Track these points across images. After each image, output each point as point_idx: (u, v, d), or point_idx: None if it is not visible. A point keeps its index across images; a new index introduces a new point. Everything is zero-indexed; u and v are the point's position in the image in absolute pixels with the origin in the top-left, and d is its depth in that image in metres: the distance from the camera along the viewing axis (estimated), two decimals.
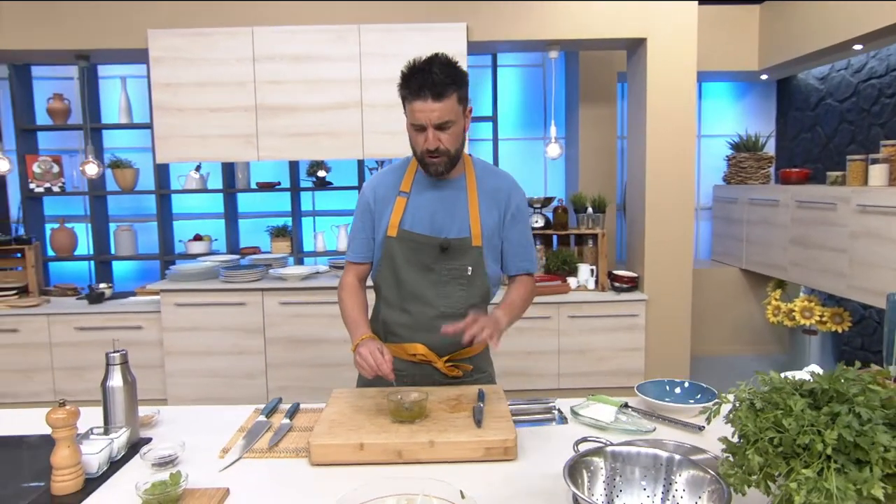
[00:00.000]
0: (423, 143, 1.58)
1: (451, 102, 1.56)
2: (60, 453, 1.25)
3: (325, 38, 3.48)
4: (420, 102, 1.54)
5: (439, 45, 3.53)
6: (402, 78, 1.57)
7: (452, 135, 1.60)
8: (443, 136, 1.58)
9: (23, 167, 4.71)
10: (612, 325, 3.77)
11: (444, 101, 1.54)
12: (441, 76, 1.53)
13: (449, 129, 1.58)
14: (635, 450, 1.08)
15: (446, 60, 1.58)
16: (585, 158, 4.76)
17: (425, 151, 1.59)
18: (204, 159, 3.75)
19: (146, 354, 3.74)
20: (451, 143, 1.61)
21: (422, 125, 1.56)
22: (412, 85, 1.54)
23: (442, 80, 1.53)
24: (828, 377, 0.97)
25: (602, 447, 1.10)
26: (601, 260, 3.92)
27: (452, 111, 1.57)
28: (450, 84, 1.54)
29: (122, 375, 1.47)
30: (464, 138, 1.68)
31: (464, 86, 1.60)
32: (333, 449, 1.35)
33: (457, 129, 1.60)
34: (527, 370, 3.79)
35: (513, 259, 1.77)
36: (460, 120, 1.61)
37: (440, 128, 1.57)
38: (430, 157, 1.60)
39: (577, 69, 4.70)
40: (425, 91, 1.52)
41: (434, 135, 1.57)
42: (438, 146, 1.59)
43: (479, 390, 1.62)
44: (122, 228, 4.81)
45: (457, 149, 1.63)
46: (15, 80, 4.67)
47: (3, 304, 3.82)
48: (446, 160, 1.62)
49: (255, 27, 3.50)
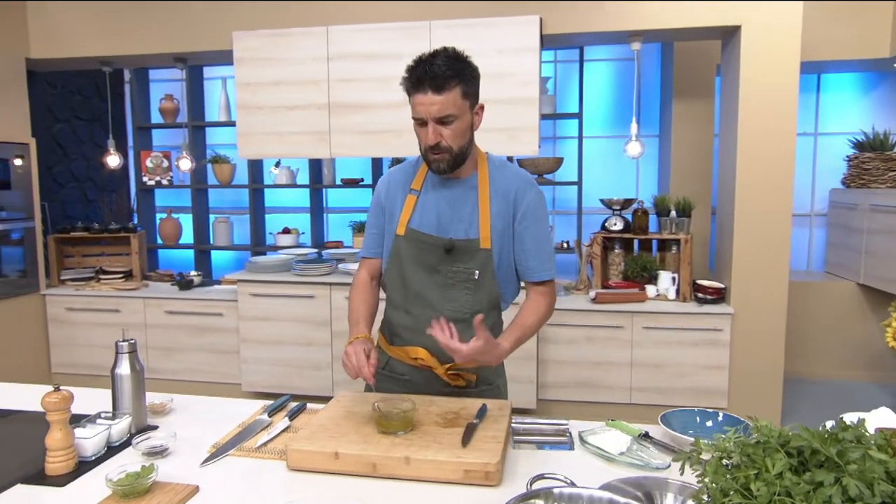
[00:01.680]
0: (425, 139, 1.51)
1: (453, 96, 1.48)
2: (53, 435, 1.31)
3: (396, 35, 3.48)
4: (420, 95, 1.47)
5: (510, 40, 3.43)
6: (406, 71, 1.51)
7: (455, 131, 1.52)
8: (444, 131, 1.50)
9: (138, 162, 5.16)
10: (692, 339, 3.47)
11: (445, 95, 1.47)
12: (443, 68, 1.46)
13: (451, 124, 1.50)
14: (587, 493, 0.94)
15: (453, 54, 1.50)
16: (678, 158, 4.42)
17: (427, 147, 1.52)
18: (280, 156, 3.89)
19: (225, 340, 3.95)
20: (454, 140, 1.52)
21: (422, 119, 1.50)
22: (413, 77, 1.48)
23: (443, 73, 1.46)
24: (818, 434, 0.79)
25: (550, 490, 0.97)
26: (683, 268, 3.61)
27: (454, 105, 1.49)
28: (452, 77, 1.47)
29: (130, 364, 1.52)
30: (471, 136, 1.58)
31: (470, 81, 1.52)
32: (309, 455, 1.31)
33: (460, 125, 1.52)
34: (595, 381, 3.58)
35: (524, 265, 1.64)
36: (465, 116, 1.53)
37: (441, 122, 1.49)
38: (432, 153, 1.53)
39: (672, 61, 4.37)
40: (425, 83, 1.46)
41: (435, 129, 1.50)
42: (440, 142, 1.51)
43: (482, 405, 1.52)
44: (220, 220, 5.13)
45: (461, 146, 1.55)
46: (134, 83, 5.13)
47: (109, 286, 4.20)
48: (449, 157, 1.54)
49: (329, 26, 3.57)
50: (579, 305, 3.57)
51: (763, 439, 0.83)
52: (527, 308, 1.64)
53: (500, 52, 3.41)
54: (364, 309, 1.67)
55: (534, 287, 1.67)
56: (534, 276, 1.65)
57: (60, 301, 4.16)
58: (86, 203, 5.39)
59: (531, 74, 3.39)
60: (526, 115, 3.43)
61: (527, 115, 3.43)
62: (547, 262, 1.65)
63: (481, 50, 3.44)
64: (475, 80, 1.54)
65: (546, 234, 1.67)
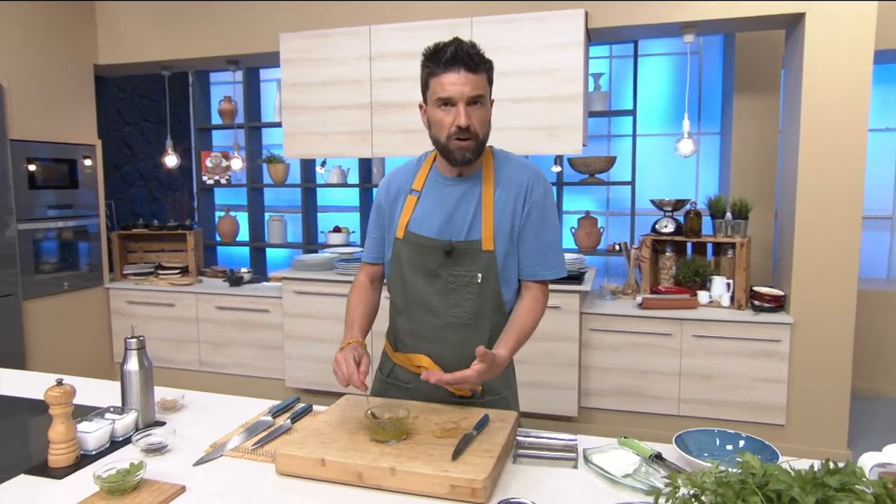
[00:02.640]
0: (453, 122, 1.44)
1: (483, 80, 1.46)
2: (56, 429, 1.34)
3: (438, 33, 3.42)
4: (453, 74, 1.42)
5: (554, 35, 3.31)
6: (428, 56, 1.47)
7: (483, 115, 1.48)
8: (475, 114, 1.45)
9: (198, 162, 5.37)
10: (746, 349, 3.24)
11: (479, 75, 1.44)
12: (476, 50, 1.45)
13: (481, 107, 1.47)
14: None
15: (476, 46, 1.47)
16: (739, 156, 4.16)
17: (455, 131, 1.45)
18: (323, 155, 3.93)
19: (270, 336, 4.03)
20: (481, 126, 1.48)
21: (450, 99, 1.43)
22: (441, 58, 1.43)
23: (477, 55, 1.44)
24: (800, 477, 0.69)
25: None
26: (739, 273, 3.39)
27: (484, 88, 1.47)
28: (483, 61, 1.46)
29: (138, 360, 1.55)
30: (489, 127, 1.52)
31: (492, 70, 1.50)
32: (297, 461, 1.29)
33: (485, 111, 1.49)
34: (641, 390, 3.42)
35: (527, 261, 1.56)
36: (488, 104, 1.50)
37: (473, 102, 1.45)
38: (459, 139, 1.46)
39: (734, 54, 4.11)
40: (459, 62, 1.42)
41: (467, 111, 1.44)
42: (470, 124, 1.44)
43: (484, 415, 1.46)
44: (275, 218, 5.26)
45: (485, 134, 1.50)
46: (196, 86, 5.33)
47: (165, 281, 4.37)
48: (474, 146, 1.48)
49: (372, 26, 3.57)
50: (625, 311, 3.41)
51: (744, 477, 0.74)
52: (522, 310, 1.56)
53: (544, 47, 3.30)
54: (359, 312, 1.63)
55: (530, 285, 1.58)
56: (533, 274, 1.57)
57: (122, 294, 4.37)
58: (151, 201, 5.65)
59: (575, 70, 3.27)
60: (569, 113, 3.31)
61: (570, 112, 3.31)
62: (550, 259, 1.57)
63: (524, 46, 3.35)
64: (492, 72, 1.52)
65: (551, 230, 1.58)
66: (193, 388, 1.82)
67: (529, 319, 1.54)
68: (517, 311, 1.56)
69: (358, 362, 1.44)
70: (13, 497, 1.24)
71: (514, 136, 3.40)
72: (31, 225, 3.83)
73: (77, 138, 4.13)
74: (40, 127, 3.86)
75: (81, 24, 4.14)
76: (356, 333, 1.57)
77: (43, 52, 3.87)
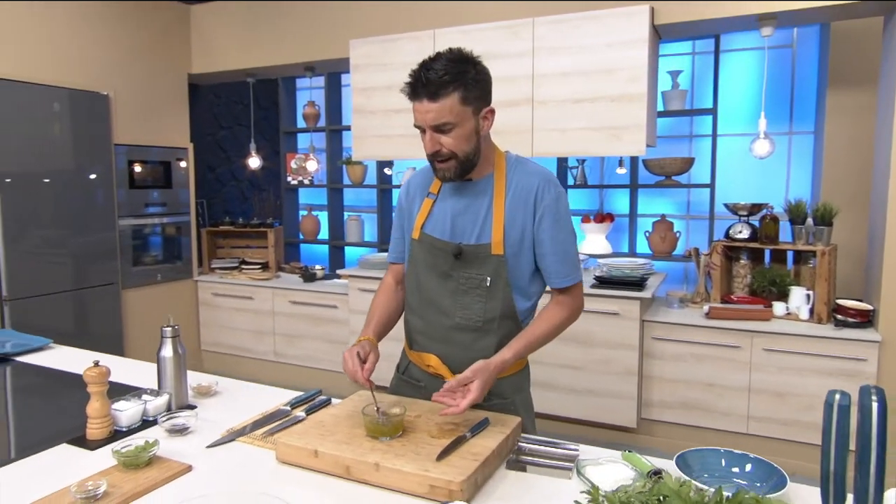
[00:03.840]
0: (424, 147, 1.49)
1: (450, 102, 1.42)
2: (92, 405, 1.49)
3: (499, 35, 3.43)
4: (417, 103, 1.45)
5: (618, 33, 3.21)
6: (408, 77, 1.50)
7: (457, 137, 1.46)
8: (444, 139, 1.46)
9: (284, 164, 5.68)
10: (826, 367, 2.99)
11: (441, 102, 1.41)
12: (439, 74, 1.40)
13: (450, 131, 1.45)
14: None
15: (455, 56, 1.45)
16: (831, 157, 3.83)
17: (428, 155, 1.50)
18: (387, 158, 4.03)
19: (338, 331, 4.20)
20: (457, 146, 1.47)
21: (420, 126, 1.47)
22: (410, 85, 1.45)
23: (438, 79, 1.40)
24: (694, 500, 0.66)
25: None
26: (820, 284, 3.12)
27: (451, 112, 1.42)
28: (448, 83, 1.41)
29: (172, 347, 1.68)
30: (477, 141, 1.51)
31: (473, 85, 1.45)
32: (293, 450, 1.35)
33: (461, 131, 1.46)
34: (707, 404, 3.24)
35: (543, 269, 1.56)
36: (466, 122, 1.46)
37: (439, 130, 1.45)
38: (436, 161, 1.50)
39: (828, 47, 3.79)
40: (419, 91, 1.43)
41: (432, 137, 1.46)
42: (439, 149, 1.47)
43: (484, 418, 1.46)
44: (352, 218, 5.46)
45: (466, 153, 1.49)
46: (283, 91, 5.65)
47: (247, 276, 4.67)
48: (455, 165, 1.49)
49: (436, 29, 3.62)
50: (690, 320, 3.25)
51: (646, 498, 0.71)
52: (540, 317, 1.57)
53: (605, 46, 3.21)
54: (379, 312, 1.68)
55: (555, 294, 1.59)
56: (552, 282, 1.57)
57: (208, 287, 4.71)
58: (242, 200, 6.04)
59: (639, 69, 3.15)
60: (632, 113, 3.20)
61: (633, 112, 3.20)
62: (567, 265, 1.55)
63: (587, 45, 3.27)
64: (479, 83, 1.47)
65: (566, 235, 1.56)
66: (267, 379, 1.95)
67: (545, 328, 1.54)
68: (537, 317, 1.58)
69: (364, 359, 1.49)
70: (50, 461, 1.39)
71: (574, 136, 3.33)
72: (131, 221, 4.22)
73: (172, 142, 4.50)
74: (140, 132, 4.25)
75: (176, 37, 4.51)
76: (369, 331, 1.63)
77: (143, 64, 4.26)
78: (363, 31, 3.91)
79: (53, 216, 3.71)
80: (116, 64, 4.07)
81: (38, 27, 3.62)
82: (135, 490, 1.23)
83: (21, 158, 3.52)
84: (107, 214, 4.03)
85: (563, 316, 1.55)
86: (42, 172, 3.63)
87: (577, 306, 1.60)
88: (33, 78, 3.59)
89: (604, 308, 3.29)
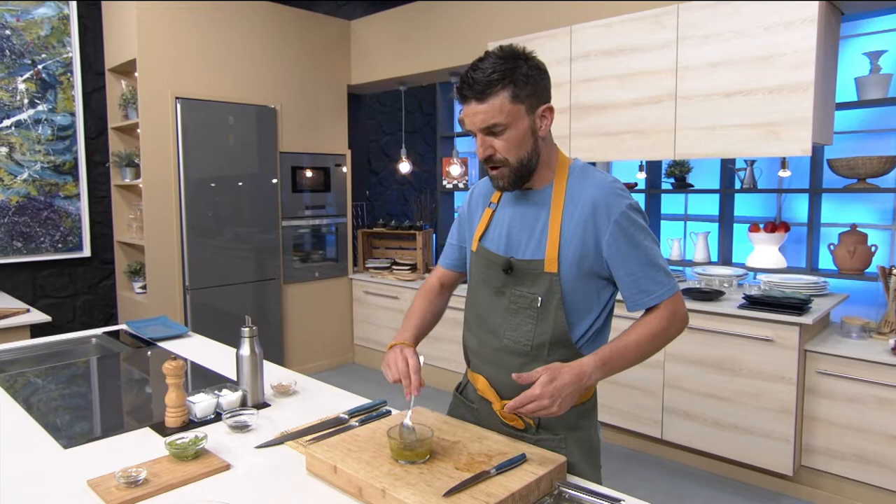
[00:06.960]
0: (478, 153, 1.39)
1: (500, 102, 1.31)
2: (169, 395, 1.63)
3: (640, 25, 3.12)
4: (467, 107, 1.35)
5: (780, 13, 2.74)
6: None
7: (509, 141, 1.34)
8: (496, 142, 1.35)
9: (440, 168, 5.82)
10: None
11: (489, 102, 1.31)
12: (486, 73, 1.30)
13: (502, 133, 1.33)
14: None
15: (505, 53, 1.33)
16: None
17: (481, 161, 1.40)
18: None
19: None
20: (510, 151, 1.35)
21: (472, 130, 1.38)
22: (457, 89, 1.37)
23: (485, 78, 1.30)
24: None
25: None
26: None
27: (501, 112, 1.31)
28: (496, 81, 1.30)
29: (249, 347, 1.77)
30: (534, 144, 1.36)
31: (523, 82, 1.31)
32: (318, 463, 1.35)
33: (515, 133, 1.33)
34: (888, 461, 2.63)
35: (627, 292, 1.38)
36: (520, 122, 1.33)
37: (490, 133, 1.34)
38: (489, 168, 1.40)
39: None
40: (466, 93, 1.33)
41: (484, 141, 1.35)
42: (492, 154, 1.36)
43: (521, 454, 1.32)
44: None
45: (520, 157, 1.35)
46: (440, 97, 5.79)
47: (395, 276, 4.86)
48: (508, 172, 1.37)
49: (573, 26, 3.42)
50: (871, 354, 2.67)
51: None
52: (634, 330, 1.37)
53: (763, 29, 2.77)
54: (418, 315, 1.61)
55: (647, 314, 1.40)
56: (637, 304, 1.38)
57: (361, 285, 4.99)
58: (403, 203, 6.32)
59: (805, 53, 2.66)
60: (796, 106, 2.72)
61: (797, 104, 2.71)
62: (651, 284, 1.35)
63: (740, 30, 2.86)
64: (531, 79, 1.32)
65: (644, 252, 1.36)
66: None
67: (640, 330, 1.36)
68: (628, 330, 1.38)
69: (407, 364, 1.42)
70: (127, 442, 1.55)
71: (723, 135, 2.93)
72: (293, 222, 4.63)
73: (331, 149, 4.85)
74: (303, 140, 4.64)
75: (337, 50, 4.84)
76: (406, 334, 1.56)
77: (307, 77, 4.64)
78: (501, 33, 3.84)
79: (228, 217, 4.20)
80: (283, 79, 4.48)
81: (219, 51, 4.12)
82: (171, 482, 1.32)
83: (201, 165, 4.04)
84: (272, 216, 4.46)
85: (661, 325, 1.35)
86: (216, 178, 4.13)
87: (676, 314, 1.37)
88: (214, 96, 4.09)
89: (753, 333, 2.84)
